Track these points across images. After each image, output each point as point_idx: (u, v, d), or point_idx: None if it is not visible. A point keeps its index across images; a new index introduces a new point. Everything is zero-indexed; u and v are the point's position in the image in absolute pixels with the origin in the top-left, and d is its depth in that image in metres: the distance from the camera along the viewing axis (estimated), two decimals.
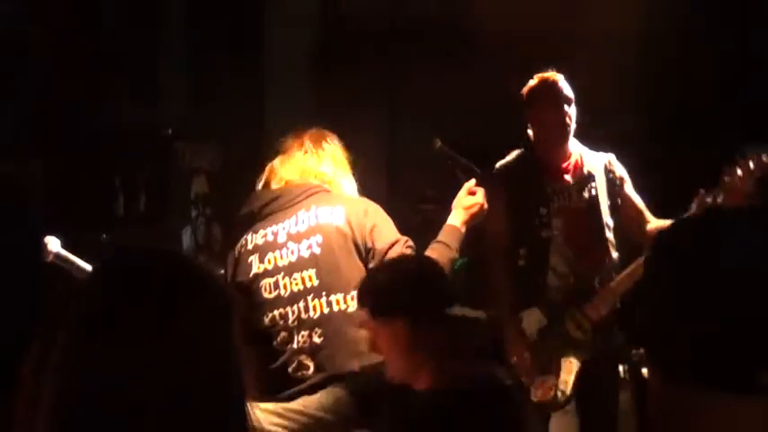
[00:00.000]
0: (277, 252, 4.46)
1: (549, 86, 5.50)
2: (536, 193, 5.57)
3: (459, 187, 4.80)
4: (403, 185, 8.03)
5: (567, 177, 5.60)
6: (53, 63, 7.30)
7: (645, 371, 2.63)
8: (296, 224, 4.47)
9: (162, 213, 7.64)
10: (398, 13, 8.32)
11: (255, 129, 8.28)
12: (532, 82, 5.58)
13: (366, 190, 4.91)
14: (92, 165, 7.27)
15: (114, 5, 7.75)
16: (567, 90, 5.51)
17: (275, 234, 4.48)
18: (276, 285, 4.40)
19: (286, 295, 4.37)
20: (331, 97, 7.91)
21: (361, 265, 4.35)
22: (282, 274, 4.41)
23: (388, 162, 8.52)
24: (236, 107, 7.98)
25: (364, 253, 4.37)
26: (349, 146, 4.89)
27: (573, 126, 5.54)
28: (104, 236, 5.66)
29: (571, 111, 5.52)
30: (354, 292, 4.11)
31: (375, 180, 7.87)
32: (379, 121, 8.46)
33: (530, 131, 5.59)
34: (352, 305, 4.25)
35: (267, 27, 8.51)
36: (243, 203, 4.69)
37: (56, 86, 7.29)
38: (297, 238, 4.44)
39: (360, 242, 4.36)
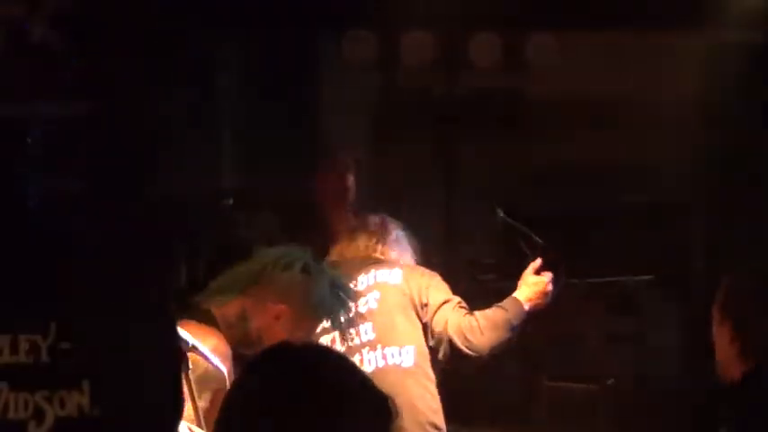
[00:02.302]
0: None
1: None
2: None
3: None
4: (461, 255, 8.01)
5: None
6: (111, 134, 7.37)
7: None
8: (355, 286, 4.50)
9: None
10: (456, 83, 8.35)
11: (311, 197, 8.30)
12: None
13: (424, 258, 4.93)
14: (149, 236, 7.30)
15: (171, 75, 7.82)
16: None
17: None
18: (333, 341, 4.42)
19: (343, 349, 4.37)
20: (389, 167, 7.93)
21: (417, 321, 4.40)
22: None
23: (447, 231, 8.52)
24: (294, 176, 8.01)
25: (420, 309, 4.40)
26: (407, 215, 4.92)
27: None
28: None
29: None
30: (409, 347, 4.26)
31: (433, 249, 7.94)
32: (437, 191, 8.47)
33: None
34: (407, 360, 4.32)
35: (325, 96, 8.55)
36: None
37: (113, 157, 7.35)
38: (355, 297, 4.47)
39: (416, 299, 4.43)
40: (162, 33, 7.61)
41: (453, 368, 5.00)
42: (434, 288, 4.45)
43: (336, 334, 4.39)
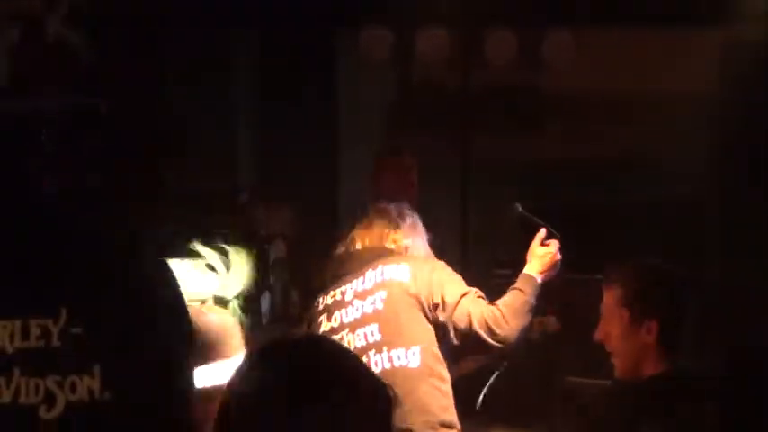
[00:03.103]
0: (343, 310, 4.50)
1: None
2: None
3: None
4: (478, 250, 8.01)
5: None
6: (127, 132, 7.40)
7: None
8: (363, 283, 4.51)
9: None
10: (473, 77, 8.35)
11: (331, 192, 8.33)
12: None
13: (441, 255, 4.92)
14: (169, 231, 7.33)
15: (187, 71, 7.85)
16: None
17: (343, 293, 4.54)
18: (341, 342, 4.41)
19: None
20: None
21: (424, 321, 4.36)
22: (347, 330, 4.43)
23: (462, 227, 8.52)
24: (310, 171, 8.03)
25: (429, 309, 4.36)
26: (423, 210, 4.92)
27: None
28: None
29: None
30: (415, 348, 4.22)
31: (449, 245, 7.94)
32: (454, 185, 8.48)
33: None
34: (414, 361, 4.29)
35: (341, 91, 8.57)
36: (321, 269, 4.74)
37: (130, 154, 7.38)
38: (362, 295, 4.48)
39: (424, 299, 4.38)
40: (178, 29, 7.64)
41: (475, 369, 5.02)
42: (448, 284, 4.38)
43: (344, 333, 4.40)
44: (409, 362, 4.31)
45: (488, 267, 7.60)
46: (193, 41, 7.78)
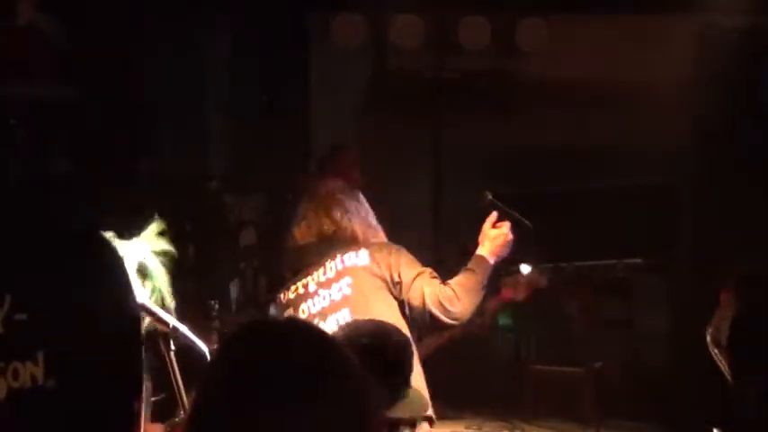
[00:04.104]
0: (309, 301, 4.54)
1: None
2: None
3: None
4: (448, 236, 8.02)
5: None
6: (100, 117, 7.37)
7: None
8: (324, 273, 4.56)
9: (210, 266, 7.65)
10: (445, 65, 8.35)
11: (301, 178, 8.29)
12: None
13: (412, 240, 4.93)
14: (140, 216, 7.29)
15: (159, 58, 7.81)
16: None
17: (306, 286, 4.59)
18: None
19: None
20: (377, 148, 7.93)
21: (392, 299, 4.42)
22: (317, 319, 4.45)
23: (434, 212, 8.53)
24: (282, 158, 8.00)
25: (393, 286, 4.42)
26: (394, 195, 4.93)
27: None
28: None
29: None
30: None
31: (421, 231, 7.95)
32: (425, 172, 8.48)
33: None
34: None
35: (314, 79, 8.55)
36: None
37: (102, 139, 7.35)
38: (326, 284, 4.53)
39: (388, 277, 4.45)
40: (150, 16, 7.61)
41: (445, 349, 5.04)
42: (405, 265, 4.46)
43: (314, 323, 4.42)
44: None
45: (459, 253, 7.61)
46: (165, 27, 7.74)
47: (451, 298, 4.38)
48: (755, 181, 7.89)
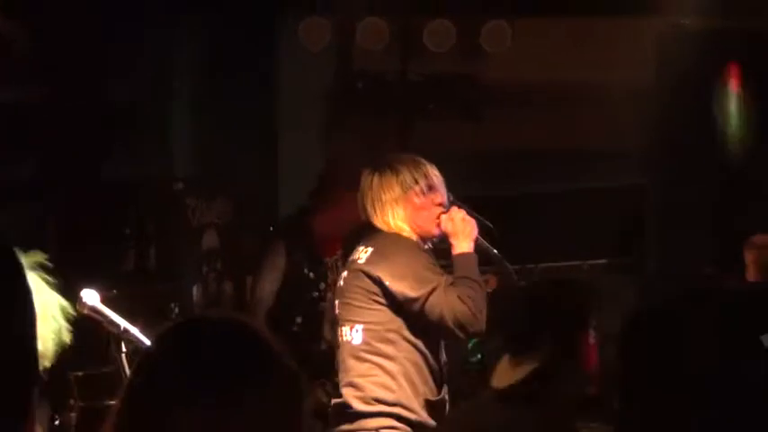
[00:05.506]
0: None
1: None
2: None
3: None
4: None
5: None
6: (64, 119, 7.35)
7: None
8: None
9: (172, 269, 7.64)
10: (411, 67, 8.36)
11: (268, 182, 8.29)
12: None
13: None
14: (101, 220, 7.29)
15: (123, 60, 7.78)
16: None
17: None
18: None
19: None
20: (344, 149, 7.92)
21: (370, 302, 4.49)
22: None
23: None
24: (247, 161, 7.99)
25: (382, 294, 4.43)
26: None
27: None
28: (114, 291, 5.68)
29: None
30: (359, 326, 4.43)
31: None
32: None
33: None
34: (357, 338, 4.46)
35: (280, 80, 8.54)
36: None
37: (67, 142, 7.33)
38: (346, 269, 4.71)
39: (375, 282, 4.43)
40: (116, 18, 7.58)
41: None
42: (413, 277, 4.42)
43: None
44: (352, 338, 4.48)
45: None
46: (131, 28, 7.72)
47: (468, 317, 4.42)
48: (722, 182, 7.93)
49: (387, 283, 4.41)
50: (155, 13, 7.73)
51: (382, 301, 4.44)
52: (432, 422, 4.45)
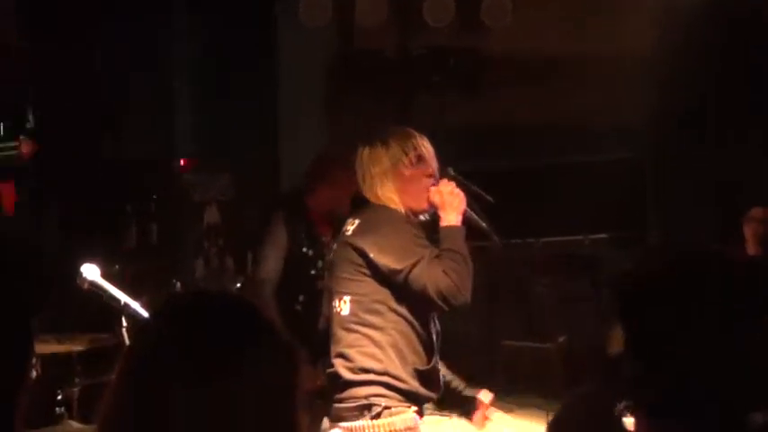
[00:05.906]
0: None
1: None
2: None
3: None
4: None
5: None
6: (66, 97, 7.35)
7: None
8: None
9: (174, 245, 7.65)
10: (410, 42, 8.35)
11: (268, 158, 8.30)
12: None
13: None
14: (103, 197, 7.30)
15: (126, 39, 7.78)
16: None
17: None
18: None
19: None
20: (345, 125, 7.93)
21: (357, 274, 4.47)
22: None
23: None
24: (248, 137, 8.00)
25: (368, 265, 4.43)
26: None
27: None
28: (117, 267, 5.69)
29: None
30: (347, 297, 4.44)
31: None
32: None
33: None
34: (345, 309, 4.48)
35: (281, 56, 8.53)
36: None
37: (68, 120, 7.33)
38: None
39: (361, 254, 4.44)
40: None
41: None
42: (397, 249, 4.39)
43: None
44: (341, 310, 4.50)
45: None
46: (131, 7, 7.71)
47: (452, 289, 4.29)
48: (722, 155, 7.93)
49: (371, 255, 4.42)
50: None
51: (367, 272, 4.45)
52: (423, 391, 4.47)
